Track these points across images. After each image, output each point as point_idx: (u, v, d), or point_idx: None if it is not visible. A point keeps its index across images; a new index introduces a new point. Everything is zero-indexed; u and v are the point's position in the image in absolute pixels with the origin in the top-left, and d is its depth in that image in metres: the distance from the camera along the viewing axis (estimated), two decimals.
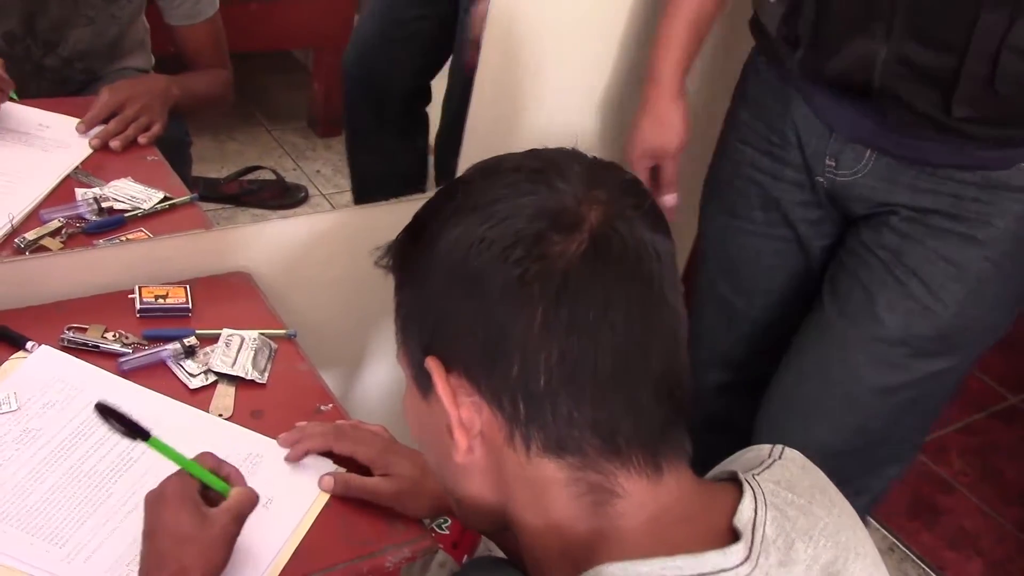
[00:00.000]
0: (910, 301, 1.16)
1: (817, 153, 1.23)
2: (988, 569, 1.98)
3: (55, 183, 1.27)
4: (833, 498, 0.72)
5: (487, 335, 0.62)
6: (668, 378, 0.64)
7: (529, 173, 0.65)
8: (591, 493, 0.65)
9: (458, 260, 0.62)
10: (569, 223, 0.61)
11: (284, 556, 0.97)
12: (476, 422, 0.65)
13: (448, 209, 0.65)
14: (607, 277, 0.61)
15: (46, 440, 1.02)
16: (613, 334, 0.61)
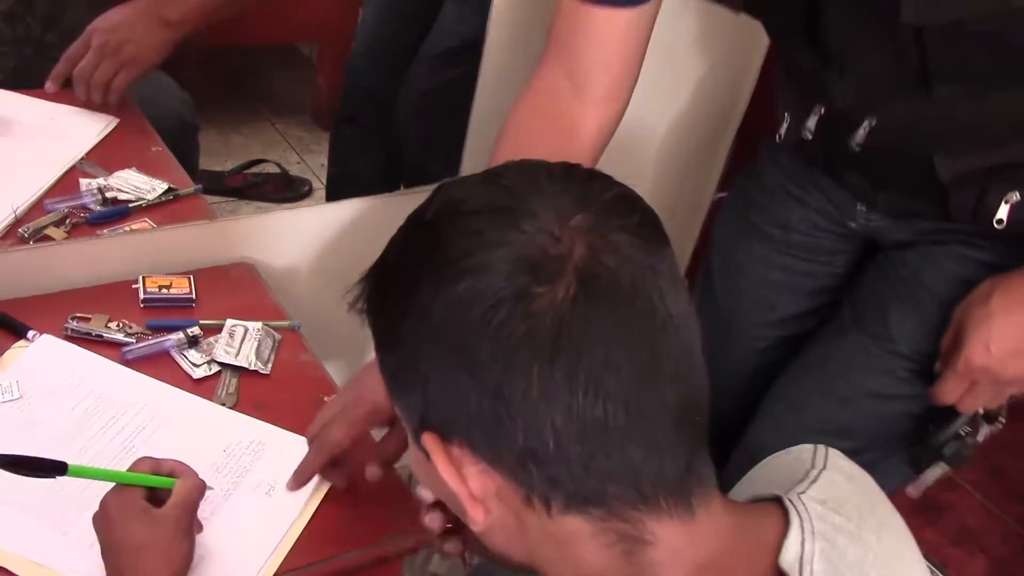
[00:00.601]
0: (923, 318, 1.14)
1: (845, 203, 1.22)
2: (992, 566, 1.98)
3: (60, 173, 1.28)
4: (883, 517, 0.68)
5: (482, 404, 0.57)
6: (686, 404, 0.59)
7: (494, 214, 0.58)
8: (621, 542, 0.60)
9: (437, 326, 0.57)
10: (550, 270, 0.55)
11: (286, 545, 0.97)
12: (489, 487, 0.60)
13: (416, 263, 0.60)
14: (602, 320, 0.56)
15: (48, 428, 1.03)
16: (619, 379, 0.56)
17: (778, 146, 1.25)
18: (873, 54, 1.01)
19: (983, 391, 1.08)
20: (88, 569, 0.89)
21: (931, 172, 1.05)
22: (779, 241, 1.28)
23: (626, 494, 0.59)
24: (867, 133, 1.07)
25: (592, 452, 0.57)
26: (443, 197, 0.62)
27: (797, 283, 1.31)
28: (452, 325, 0.56)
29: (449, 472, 0.60)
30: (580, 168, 0.63)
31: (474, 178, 0.63)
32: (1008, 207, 1.03)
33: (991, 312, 1.04)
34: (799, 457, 0.72)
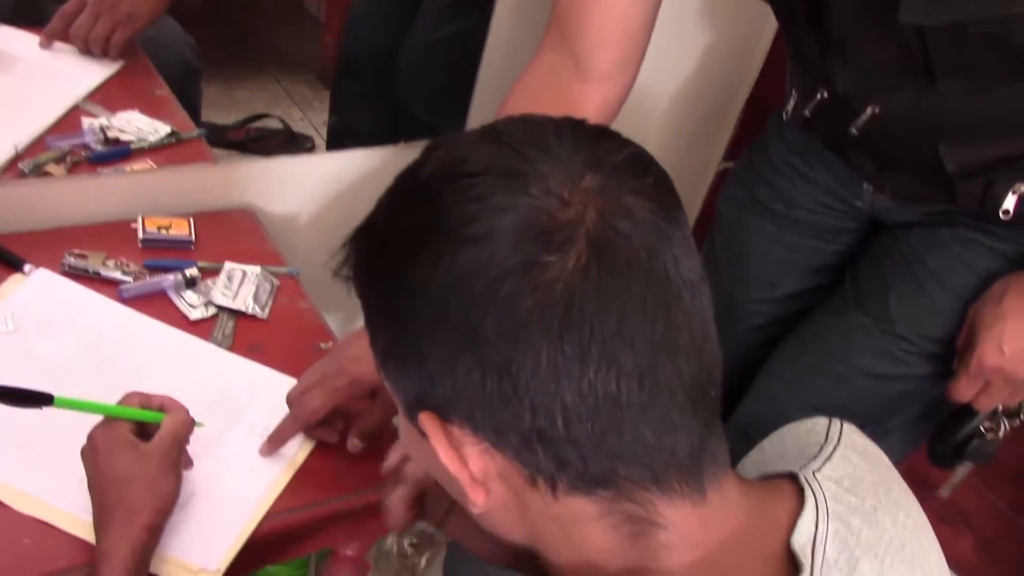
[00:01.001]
0: (924, 301, 1.14)
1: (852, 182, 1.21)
2: (978, 545, 1.99)
3: (62, 112, 1.26)
4: (898, 498, 0.65)
5: (487, 383, 0.53)
6: (700, 378, 0.55)
7: (499, 177, 0.53)
8: (629, 523, 0.57)
9: (437, 301, 0.53)
10: (560, 237, 0.51)
11: (278, 487, 0.97)
12: (490, 468, 0.57)
13: (411, 231, 0.55)
14: (617, 291, 0.52)
15: (43, 362, 1.02)
16: (633, 352, 0.52)
17: (785, 122, 1.24)
18: (876, 44, 1.00)
19: (998, 390, 1.08)
20: (76, 500, 0.89)
21: (937, 160, 1.04)
22: (783, 218, 1.28)
23: (637, 475, 0.56)
24: (869, 119, 1.06)
25: (603, 431, 0.53)
26: (440, 156, 0.57)
27: (800, 261, 1.30)
28: (454, 300, 0.52)
29: (448, 455, 0.56)
30: (588, 125, 0.58)
31: (472, 135, 0.58)
32: (1015, 198, 1.03)
33: (1004, 313, 1.04)
34: (813, 430, 0.69)
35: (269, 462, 0.98)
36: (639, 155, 0.57)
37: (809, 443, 0.67)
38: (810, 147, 1.22)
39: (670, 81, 1.66)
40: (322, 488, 0.98)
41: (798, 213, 1.26)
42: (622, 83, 1.08)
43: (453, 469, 0.57)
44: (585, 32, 1.04)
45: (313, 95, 1.58)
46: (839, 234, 1.26)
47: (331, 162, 1.44)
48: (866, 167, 1.16)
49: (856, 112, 1.06)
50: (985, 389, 1.08)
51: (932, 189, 1.09)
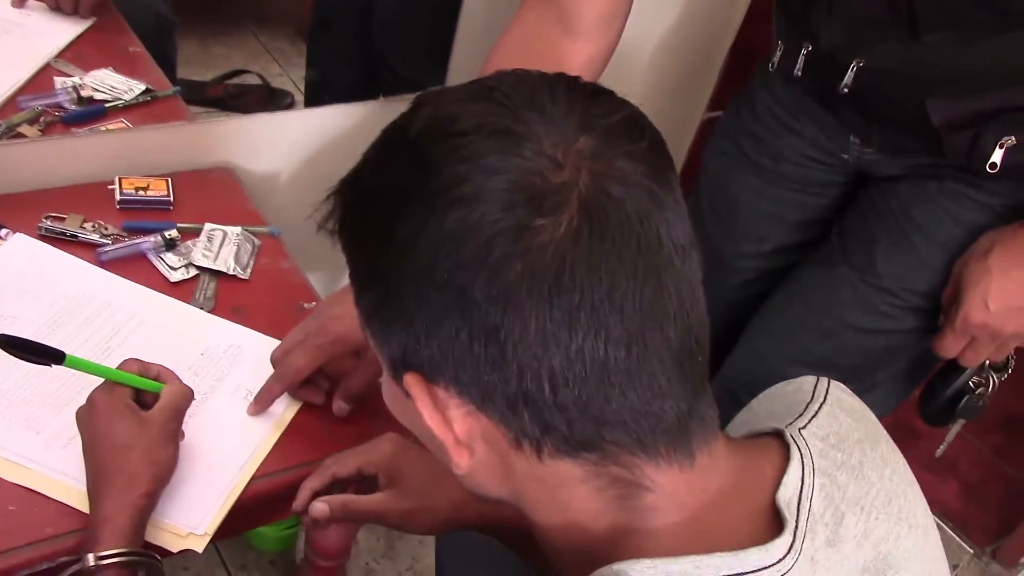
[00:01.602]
0: (910, 254, 1.13)
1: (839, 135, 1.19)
2: (963, 491, 2.01)
3: (33, 71, 1.24)
4: (885, 453, 0.65)
5: (474, 346, 0.52)
6: (688, 343, 0.55)
7: (491, 136, 0.52)
8: (615, 486, 0.57)
9: (425, 262, 0.52)
10: (553, 201, 0.50)
11: (264, 449, 0.96)
12: (475, 430, 0.56)
13: (399, 189, 0.54)
14: (608, 256, 0.51)
15: (22, 327, 1.00)
16: (622, 318, 0.51)
17: (771, 73, 1.22)
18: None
19: (983, 346, 1.08)
20: (62, 467, 0.88)
21: (923, 113, 1.03)
22: (770, 171, 1.27)
23: (623, 440, 0.55)
24: (855, 75, 1.05)
25: (590, 396, 0.53)
26: (429, 112, 0.55)
27: (788, 214, 1.29)
28: (442, 261, 0.51)
29: (433, 417, 0.56)
30: (582, 83, 0.57)
31: (462, 90, 0.56)
32: (1002, 151, 1.02)
33: (989, 268, 1.04)
34: (800, 388, 0.69)
35: (255, 423, 0.98)
36: (633, 117, 0.56)
37: (796, 401, 0.67)
38: (797, 100, 1.21)
39: (653, 31, 1.64)
40: (310, 448, 0.97)
41: (785, 167, 1.25)
42: (608, 39, 1.07)
43: (438, 431, 0.56)
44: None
45: (292, 50, 1.56)
46: (826, 188, 1.25)
47: (310, 118, 1.41)
48: (853, 120, 1.15)
49: (841, 67, 1.05)
50: (971, 345, 1.08)
51: (919, 142, 1.08)
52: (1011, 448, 1.98)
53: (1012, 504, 1.97)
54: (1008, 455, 1.99)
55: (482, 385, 0.54)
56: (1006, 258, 1.04)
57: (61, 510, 0.86)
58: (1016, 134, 1.01)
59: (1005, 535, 1.97)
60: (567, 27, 1.04)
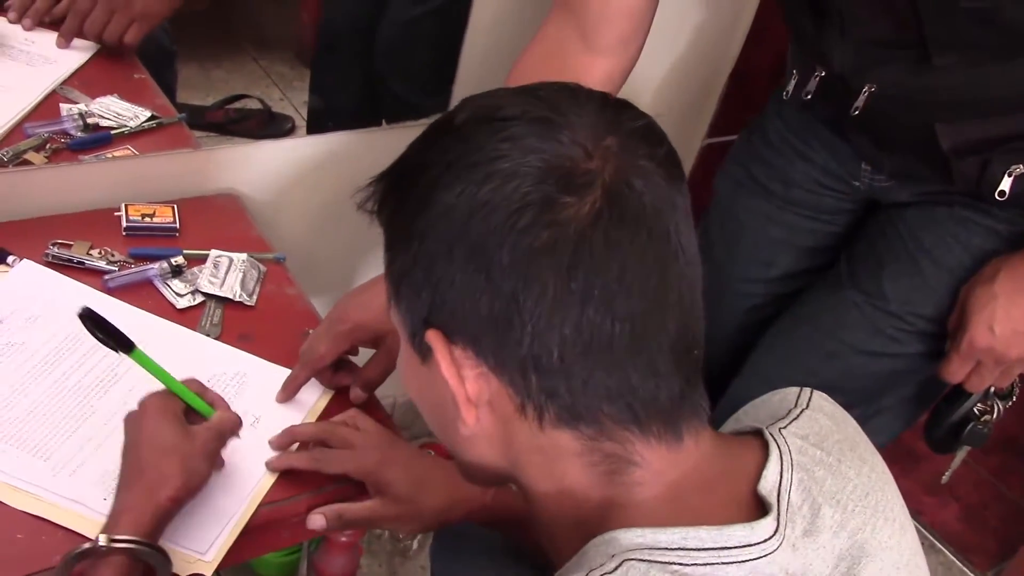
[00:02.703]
0: (918, 278, 1.14)
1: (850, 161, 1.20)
2: (963, 513, 2.01)
3: (40, 98, 1.24)
4: (863, 454, 0.69)
5: (494, 307, 0.57)
6: (685, 336, 0.60)
7: (532, 123, 0.58)
8: (606, 462, 0.62)
9: (458, 226, 0.57)
10: (580, 182, 0.56)
11: (271, 476, 0.96)
12: (484, 393, 0.61)
13: (442, 162, 0.59)
14: (623, 240, 0.56)
15: (30, 354, 1.01)
16: (629, 300, 0.57)
17: (784, 101, 1.23)
18: (872, 18, 1.00)
19: (988, 371, 1.09)
20: (70, 494, 0.89)
21: (933, 139, 1.04)
22: (780, 197, 1.27)
23: (620, 414, 0.60)
24: (867, 99, 1.06)
25: (593, 367, 0.58)
26: (475, 104, 0.62)
27: (797, 241, 1.30)
28: (474, 226, 0.56)
29: (450, 371, 0.60)
30: (610, 95, 0.63)
31: (506, 90, 0.63)
32: (1011, 179, 1.03)
33: (995, 293, 1.05)
34: (785, 398, 0.73)
35: (262, 451, 0.98)
36: (654, 127, 0.62)
37: (780, 408, 0.71)
38: (808, 126, 1.22)
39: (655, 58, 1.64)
40: (316, 476, 0.97)
41: (795, 193, 1.26)
42: (626, 57, 1.09)
43: (453, 384, 0.61)
44: (591, 7, 1.06)
45: (292, 74, 1.56)
46: (836, 215, 1.26)
47: (314, 144, 1.42)
48: (864, 146, 1.16)
49: (853, 91, 1.06)
50: (976, 370, 1.09)
51: (929, 169, 1.09)
52: (1011, 471, 1.98)
53: (1013, 528, 1.97)
54: (1008, 478, 1.99)
55: (497, 346, 0.59)
56: (1012, 284, 1.05)
57: (69, 538, 0.86)
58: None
59: (1006, 559, 1.97)
60: (588, 45, 1.07)
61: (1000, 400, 1.15)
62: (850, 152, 1.18)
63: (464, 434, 0.64)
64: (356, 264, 1.56)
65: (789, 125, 1.25)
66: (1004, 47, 0.94)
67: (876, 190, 1.20)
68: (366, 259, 1.55)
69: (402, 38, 1.53)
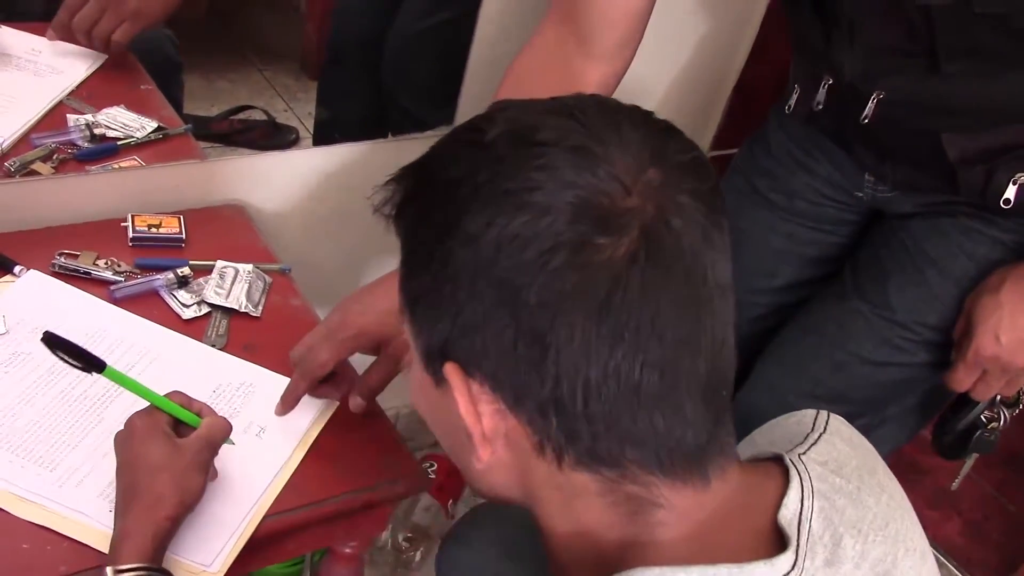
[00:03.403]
0: (923, 288, 1.15)
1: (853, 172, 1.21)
2: (965, 528, 2.01)
3: (47, 108, 1.25)
4: (882, 480, 0.68)
5: (518, 346, 0.54)
6: (716, 377, 0.58)
7: (570, 152, 0.55)
8: (628, 503, 0.59)
9: (485, 257, 0.54)
10: (617, 223, 0.53)
11: (276, 487, 0.96)
12: (500, 428, 0.59)
13: (471, 183, 0.56)
14: (657, 284, 0.54)
15: (36, 364, 1.01)
16: (661, 346, 0.54)
17: (787, 115, 1.24)
18: (883, 25, 1.00)
19: (995, 379, 1.09)
20: (75, 505, 0.89)
21: (939, 148, 1.05)
22: (784, 208, 1.28)
23: (644, 459, 0.57)
24: (875, 107, 1.06)
25: (619, 413, 0.55)
26: (509, 118, 0.58)
27: (800, 251, 1.30)
28: (503, 259, 0.54)
29: (468, 409, 0.58)
30: (656, 119, 0.60)
31: (541, 105, 0.59)
32: (1016, 187, 1.03)
33: (1001, 302, 1.05)
34: (801, 421, 0.71)
35: (267, 463, 0.98)
36: (701, 160, 0.59)
37: (797, 432, 0.69)
38: (812, 138, 1.22)
39: (660, 72, 1.65)
40: (321, 488, 0.98)
41: (799, 204, 1.26)
42: (621, 61, 1.09)
43: (469, 422, 0.58)
44: (589, 11, 1.05)
45: (296, 85, 1.57)
46: (839, 225, 1.26)
47: (319, 156, 1.43)
48: (868, 158, 1.16)
49: (862, 99, 1.06)
50: (982, 378, 1.09)
51: (934, 179, 1.09)
52: (1014, 486, 1.98)
53: (1015, 541, 1.97)
54: (1011, 493, 1.99)
55: (517, 385, 0.56)
56: (1018, 293, 1.05)
57: (74, 548, 0.86)
58: None
59: (1008, 573, 1.96)
60: (585, 49, 1.07)
61: (1007, 408, 1.16)
62: (853, 163, 1.19)
63: (478, 467, 0.61)
64: (361, 275, 1.56)
65: (791, 137, 1.25)
66: (1014, 54, 0.95)
67: (879, 201, 1.20)
68: (371, 270, 1.56)
69: (409, 51, 1.53)
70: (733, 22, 1.67)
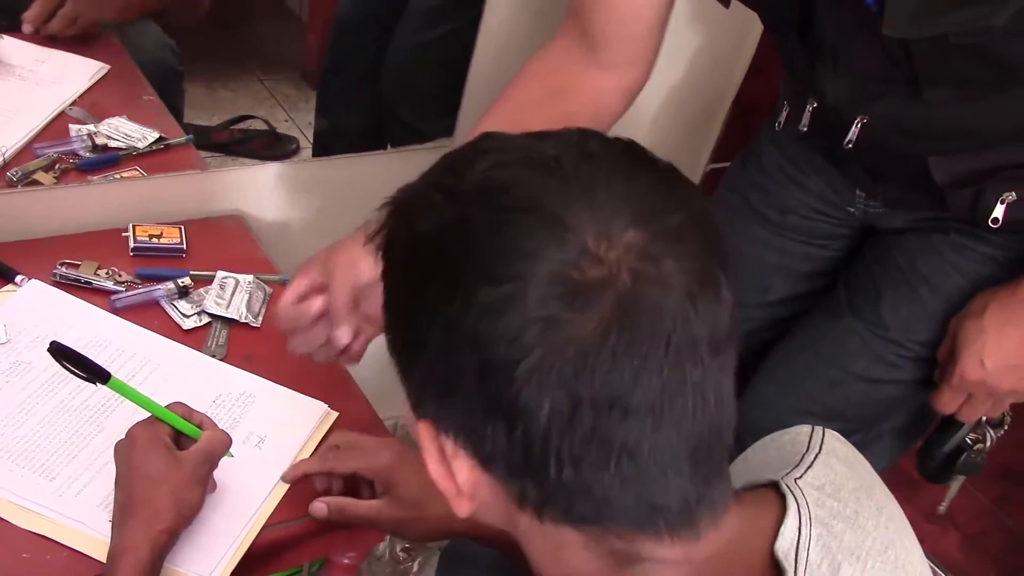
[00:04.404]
0: (916, 305, 1.15)
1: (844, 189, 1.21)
2: (964, 542, 2.01)
3: (49, 118, 1.26)
4: (880, 501, 0.66)
5: (486, 416, 0.53)
6: (707, 438, 0.55)
7: (540, 220, 0.52)
8: (614, 555, 0.57)
9: (454, 328, 0.53)
10: (586, 297, 0.50)
11: (275, 497, 0.96)
12: (481, 481, 0.57)
13: (441, 244, 0.54)
14: (632, 357, 0.51)
15: (36, 374, 1.01)
16: (637, 422, 0.52)
17: (777, 132, 1.24)
18: (864, 53, 1.01)
19: (980, 402, 1.09)
20: (75, 514, 0.89)
21: (926, 170, 1.05)
22: (776, 223, 1.28)
23: (627, 524, 0.56)
24: (859, 130, 1.07)
25: (593, 482, 0.53)
26: (488, 166, 0.55)
27: (793, 266, 1.30)
28: (468, 330, 0.52)
29: (438, 470, 0.57)
30: (653, 163, 0.57)
31: (524, 151, 0.56)
32: (1004, 207, 1.04)
33: (985, 327, 1.05)
34: (795, 439, 0.70)
35: (266, 473, 0.98)
36: (696, 216, 0.55)
37: (792, 452, 0.68)
38: (804, 154, 1.23)
39: (659, 85, 1.66)
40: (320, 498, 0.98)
41: (791, 219, 1.26)
42: (636, 71, 1.09)
43: (440, 483, 0.58)
44: (596, 16, 1.06)
45: (297, 95, 1.58)
46: (832, 240, 1.27)
47: (319, 168, 1.44)
48: (858, 175, 1.17)
49: (846, 124, 1.07)
50: (968, 401, 1.10)
51: (923, 198, 1.10)
52: (1012, 500, 1.99)
53: (1014, 557, 1.97)
54: (1009, 507, 2.00)
55: (487, 451, 0.54)
56: (1001, 317, 1.05)
57: (74, 557, 0.87)
58: (1016, 190, 1.03)
59: None
60: (593, 57, 1.07)
61: (992, 429, 1.16)
62: (844, 180, 1.19)
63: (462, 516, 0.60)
64: None
65: (784, 153, 1.26)
66: (995, 81, 0.95)
67: (871, 216, 1.21)
68: None
69: (409, 63, 1.54)
70: (732, 36, 1.68)
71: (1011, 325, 1.05)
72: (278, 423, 1.03)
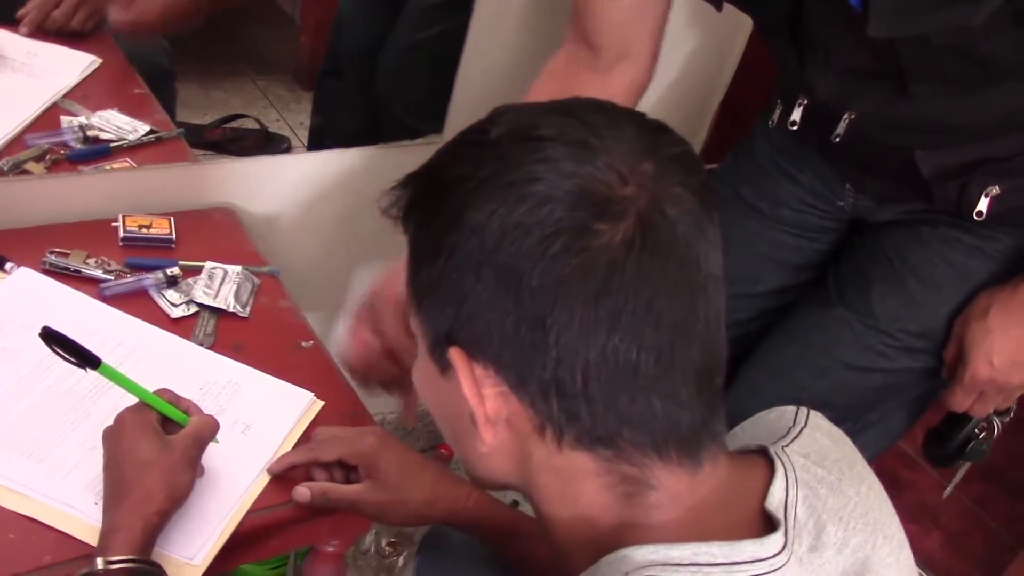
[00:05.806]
0: (905, 296, 1.17)
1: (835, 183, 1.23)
2: (945, 541, 2.02)
3: (41, 110, 1.26)
4: (861, 472, 0.70)
5: (520, 330, 0.57)
6: (709, 363, 0.60)
7: (569, 145, 0.58)
8: (623, 484, 0.62)
9: (489, 246, 0.57)
10: (614, 210, 0.56)
11: (260, 483, 0.97)
12: (503, 411, 0.61)
13: (475, 178, 0.59)
14: (653, 270, 0.57)
15: (24, 360, 1.02)
16: (657, 329, 0.57)
17: (770, 128, 1.26)
18: (853, 50, 1.03)
19: (991, 398, 1.14)
20: (62, 497, 0.90)
21: (913, 164, 1.08)
22: (768, 215, 1.30)
23: (640, 440, 0.60)
24: (847, 126, 1.09)
25: (616, 394, 0.58)
26: (510, 119, 0.61)
27: (783, 258, 1.32)
28: (506, 247, 0.56)
29: (472, 391, 0.61)
30: (648, 118, 0.63)
31: (541, 106, 0.63)
32: (988, 200, 1.06)
33: (990, 328, 1.09)
34: (782, 416, 0.73)
35: (251, 459, 0.99)
36: (691, 154, 0.62)
37: (779, 426, 0.72)
38: (795, 149, 1.25)
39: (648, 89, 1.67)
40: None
41: (782, 212, 1.28)
42: (637, 74, 1.13)
43: (473, 403, 0.61)
44: (594, 17, 1.09)
45: (290, 96, 1.59)
46: (822, 233, 1.29)
47: (309, 162, 1.44)
48: (847, 170, 1.19)
49: (835, 119, 1.09)
50: (979, 398, 1.14)
51: (911, 191, 1.12)
52: (992, 499, 2.00)
53: (993, 556, 1.99)
54: (990, 507, 2.01)
55: (520, 367, 0.59)
56: (1005, 317, 1.09)
57: (60, 538, 0.87)
58: (1000, 183, 1.05)
59: None
60: (596, 59, 1.11)
61: (999, 417, 1.21)
62: (834, 174, 1.21)
63: (481, 450, 0.64)
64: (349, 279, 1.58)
65: (777, 148, 1.27)
66: (979, 78, 0.97)
67: (860, 210, 1.22)
68: None
69: (402, 63, 1.55)
70: (720, 38, 1.70)
71: (1015, 325, 1.09)
72: (264, 411, 1.04)
